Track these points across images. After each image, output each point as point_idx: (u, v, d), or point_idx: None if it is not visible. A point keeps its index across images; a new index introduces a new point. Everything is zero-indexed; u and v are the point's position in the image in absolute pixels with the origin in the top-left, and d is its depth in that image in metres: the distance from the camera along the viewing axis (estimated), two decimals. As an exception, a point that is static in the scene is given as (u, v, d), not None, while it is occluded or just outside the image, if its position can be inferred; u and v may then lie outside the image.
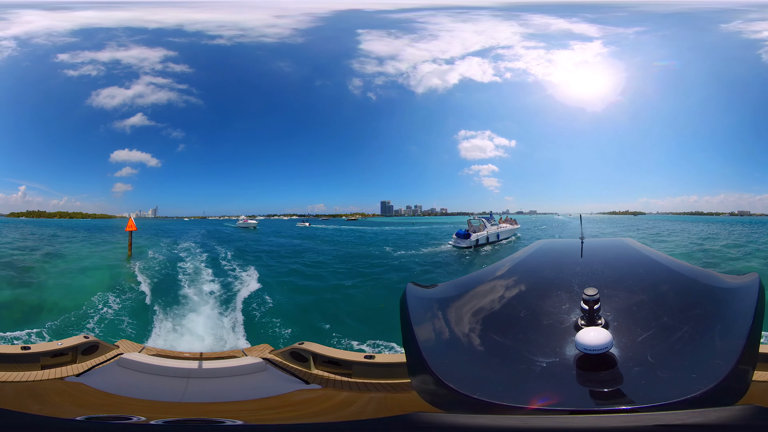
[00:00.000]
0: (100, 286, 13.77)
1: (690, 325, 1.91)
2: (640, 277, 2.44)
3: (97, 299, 11.86)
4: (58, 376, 2.79)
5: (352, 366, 2.89)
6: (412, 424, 1.66)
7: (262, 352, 3.25)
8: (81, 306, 11.18)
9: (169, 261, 19.74)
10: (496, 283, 2.57)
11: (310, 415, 2.50)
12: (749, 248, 26.25)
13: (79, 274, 16.75)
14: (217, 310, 11.75)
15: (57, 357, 2.95)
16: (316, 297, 13.73)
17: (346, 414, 2.49)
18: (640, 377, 1.68)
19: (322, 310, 11.91)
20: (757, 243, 28.83)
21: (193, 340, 9.60)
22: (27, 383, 2.67)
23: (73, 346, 3.03)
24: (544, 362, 1.80)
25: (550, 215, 62.55)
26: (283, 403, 2.63)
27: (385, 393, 2.67)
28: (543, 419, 1.53)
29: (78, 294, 12.95)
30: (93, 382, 2.72)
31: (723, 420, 1.45)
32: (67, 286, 14.52)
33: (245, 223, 49.29)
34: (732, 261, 21.82)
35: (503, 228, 32.12)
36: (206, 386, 2.89)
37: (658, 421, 1.46)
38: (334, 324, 10.42)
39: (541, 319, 2.07)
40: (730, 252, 24.74)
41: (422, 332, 2.07)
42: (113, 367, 2.95)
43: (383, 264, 20.85)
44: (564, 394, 1.65)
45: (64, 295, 12.94)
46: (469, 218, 31.60)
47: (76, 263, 19.41)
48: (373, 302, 12.91)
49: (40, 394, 2.59)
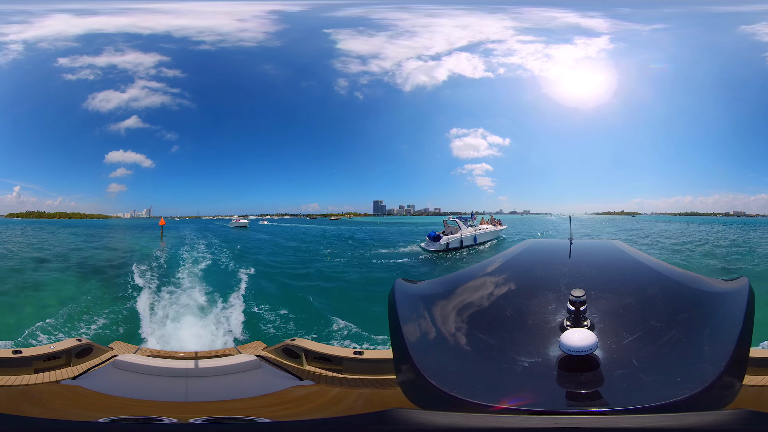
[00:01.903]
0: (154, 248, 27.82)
1: (677, 329, 1.90)
2: (628, 280, 2.43)
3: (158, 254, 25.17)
4: (53, 379, 2.80)
5: (342, 362, 2.92)
6: (390, 419, 1.67)
7: (256, 349, 3.27)
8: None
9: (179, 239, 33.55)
10: (484, 281, 2.57)
11: (308, 412, 2.53)
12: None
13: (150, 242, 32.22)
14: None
15: (50, 360, 2.95)
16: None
17: (338, 410, 2.53)
18: (622, 380, 1.67)
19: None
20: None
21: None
22: (20, 387, 2.67)
23: (66, 349, 3.03)
24: (526, 362, 1.80)
25: (544, 215, 62.02)
26: (282, 400, 2.67)
27: (372, 389, 2.70)
28: (512, 419, 1.55)
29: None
30: (91, 385, 2.72)
31: (706, 424, 1.45)
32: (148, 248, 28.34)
33: (237, 222, 50.15)
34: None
35: (483, 230, 29.74)
36: (206, 385, 2.91)
37: (639, 424, 1.46)
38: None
39: (527, 318, 2.06)
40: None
41: (409, 328, 2.08)
42: (109, 369, 2.96)
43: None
44: (542, 395, 1.65)
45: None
46: (445, 218, 29.92)
47: (149, 243, 31.90)
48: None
49: (37, 398, 2.59)
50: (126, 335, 10.03)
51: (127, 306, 12.54)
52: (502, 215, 55.07)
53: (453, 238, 26.30)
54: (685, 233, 39.77)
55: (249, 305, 12.65)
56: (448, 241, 25.84)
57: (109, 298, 13.53)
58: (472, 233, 28.09)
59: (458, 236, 26.69)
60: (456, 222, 28.38)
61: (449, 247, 25.71)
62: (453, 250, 25.82)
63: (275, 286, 15.94)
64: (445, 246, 25.51)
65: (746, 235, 36.15)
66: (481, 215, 34.42)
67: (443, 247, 25.37)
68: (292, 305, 12.71)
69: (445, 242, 25.70)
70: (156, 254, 24.89)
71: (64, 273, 18.82)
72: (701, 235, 37.12)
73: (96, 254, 25.99)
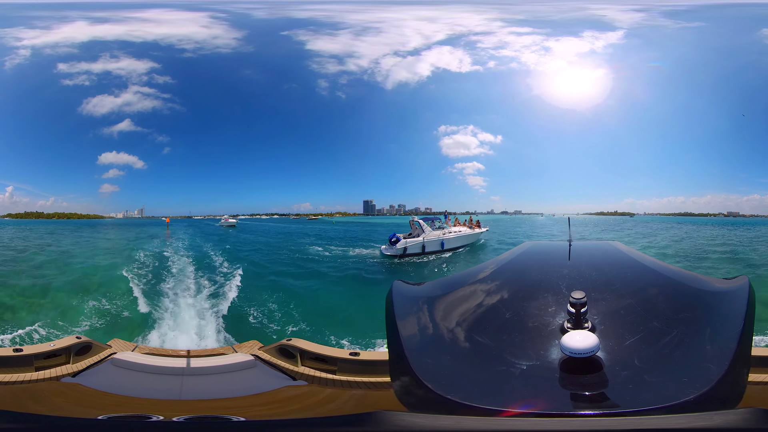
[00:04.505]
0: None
1: (679, 329, 1.89)
2: (628, 281, 2.42)
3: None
4: (54, 376, 2.84)
5: (337, 362, 2.95)
6: (375, 421, 1.67)
7: (252, 348, 3.31)
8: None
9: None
10: (483, 284, 2.56)
11: (294, 412, 2.55)
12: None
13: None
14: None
15: (50, 358, 2.98)
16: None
17: (325, 411, 2.55)
18: (626, 381, 1.64)
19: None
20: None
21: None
22: (23, 384, 2.71)
23: (66, 347, 3.06)
24: (525, 365, 1.78)
25: (535, 215, 61.35)
26: (272, 400, 2.70)
27: (365, 390, 2.72)
28: (509, 422, 1.54)
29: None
30: (90, 382, 2.77)
31: (728, 423, 1.45)
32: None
33: (226, 222, 51.74)
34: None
35: (453, 234, 25.05)
36: (201, 383, 2.94)
37: (656, 426, 1.46)
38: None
39: (527, 321, 2.05)
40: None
41: (406, 330, 2.07)
42: (108, 367, 3.00)
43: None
44: (545, 397, 1.64)
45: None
46: (411, 218, 25.65)
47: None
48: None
49: (38, 396, 2.64)
50: (124, 332, 10.02)
51: (125, 303, 12.52)
52: (493, 215, 54.40)
53: (413, 242, 22.61)
54: (731, 239, 31.45)
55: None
56: (405, 245, 22.18)
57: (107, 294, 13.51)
58: (439, 237, 23.83)
59: (420, 240, 22.87)
60: (418, 223, 24.09)
61: (407, 253, 22.18)
62: (412, 255, 22.28)
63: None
64: (402, 251, 22.01)
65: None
66: (455, 216, 30.19)
67: (399, 252, 21.92)
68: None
69: (402, 247, 22.06)
70: (160, 248, 26.70)
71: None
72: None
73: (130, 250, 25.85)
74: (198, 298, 13.42)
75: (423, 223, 23.84)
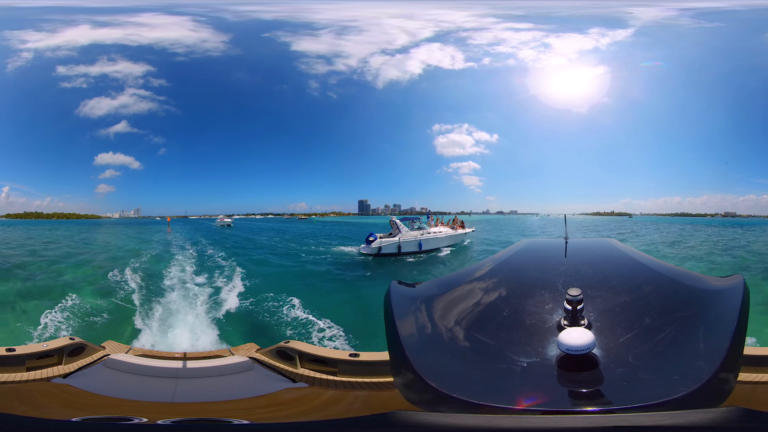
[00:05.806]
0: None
1: (673, 326, 1.91)
2: (624, 278, 2.44)
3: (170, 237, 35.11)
4: (44, 377, 2.79)
5: (337, 364, 2.91)
6: (394, 422, 1.66)
7: (249, 351, 3.26)
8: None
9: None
10: (480, 282, 2.57)
11: (301, 414, 2.52)
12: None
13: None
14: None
15: (43, 359, 2.94)
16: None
17: (333, 412, 2.52)
18: (621, 378, 1.67)
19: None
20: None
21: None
22: (12, 384, 2.66)
23: (59, 348, 3.02)
24: (525, 362, 1.80)
25: (530, 215, 61.41)
26: (273, 402, 2.66)
27: (369, 391, 2.70)
28: (527, 419, 1.54)
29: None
30: (80, 383, 2.72)
31: (706, 421, 1.45)
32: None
33: (222, 221, 52.59)
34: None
35: (433, 234, 24.76)
36: (196, 386, 2.90)
37: (634, 423, 1.47)
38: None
39: (524, 318, 2.06)
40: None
41: (405, 331, 2.08)
42: (100, 368, 2.95)
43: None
44: (544, 394, 1.65)
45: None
46: (391, 217, 25.38)
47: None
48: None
49: (26, 396, 2.59)
50: (119, 334, 10.00)
51: (120, 303, 12.50)
52: (489, 215, 54.58)
53: (388, 242, 22.60)
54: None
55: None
56: (380, 245, 22.28)
57: (103, 294, 13.50)
58: (416, 237, 23.61)
59: (395, 240, 22.77)
60: (395, 222, 23.83)
61: (381, 252, 22.25)
62: (386, 256, 22.23)
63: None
64: (377, 250, 22.15)
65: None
66: (438, 216, 30.15)
67: (374, 251, 22.16)
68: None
69: (377, 246, 22.18)
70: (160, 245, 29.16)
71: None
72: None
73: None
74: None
75: (399, 223, 23.64)
